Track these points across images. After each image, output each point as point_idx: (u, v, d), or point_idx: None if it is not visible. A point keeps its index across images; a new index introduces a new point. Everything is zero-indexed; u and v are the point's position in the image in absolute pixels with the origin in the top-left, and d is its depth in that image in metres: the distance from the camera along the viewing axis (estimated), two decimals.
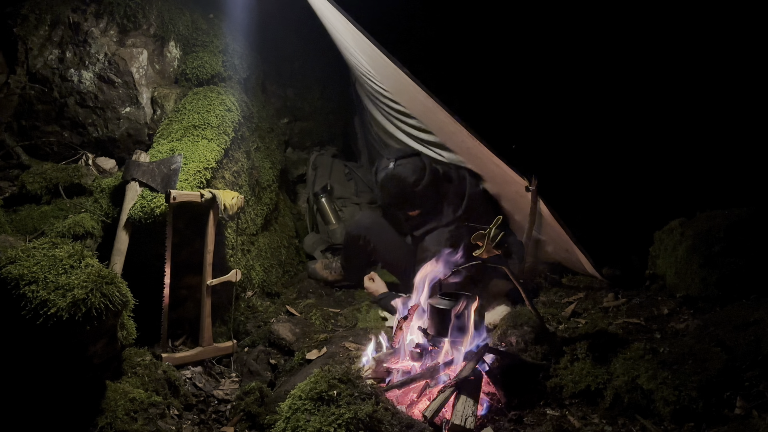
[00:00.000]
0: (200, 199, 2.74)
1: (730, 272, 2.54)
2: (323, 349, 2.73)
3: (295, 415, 1.85)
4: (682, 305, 2.68)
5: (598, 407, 2.15)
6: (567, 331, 2.64)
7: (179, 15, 3.73)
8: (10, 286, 1.86)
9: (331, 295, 3.71)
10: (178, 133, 3.21)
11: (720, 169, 3.60)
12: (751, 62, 3.62)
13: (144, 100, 3.44)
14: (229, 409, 2.45)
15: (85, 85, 3.33)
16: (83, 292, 1.86)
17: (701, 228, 2.69)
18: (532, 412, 2.19)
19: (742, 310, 2.34)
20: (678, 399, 1.95)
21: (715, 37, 3.71)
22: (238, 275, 2.88)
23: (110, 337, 2.05)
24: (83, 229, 2.69)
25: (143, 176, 2.85)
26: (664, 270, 2.87)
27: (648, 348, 2.20)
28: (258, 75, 4.31)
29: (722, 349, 2.10)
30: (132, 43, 3.48)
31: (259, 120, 4.02)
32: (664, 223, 2.95)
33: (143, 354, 2.47)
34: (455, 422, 2.00)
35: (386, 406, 1.94)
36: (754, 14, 3.56)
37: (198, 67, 3.66)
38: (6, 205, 2.86)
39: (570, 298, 3.12)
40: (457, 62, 4.60)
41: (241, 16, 4.07)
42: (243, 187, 3.40)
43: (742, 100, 3.62)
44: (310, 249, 4.35)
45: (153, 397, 2.19)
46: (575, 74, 4.15)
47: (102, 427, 1.96)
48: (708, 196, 3.05)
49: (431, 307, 2.51)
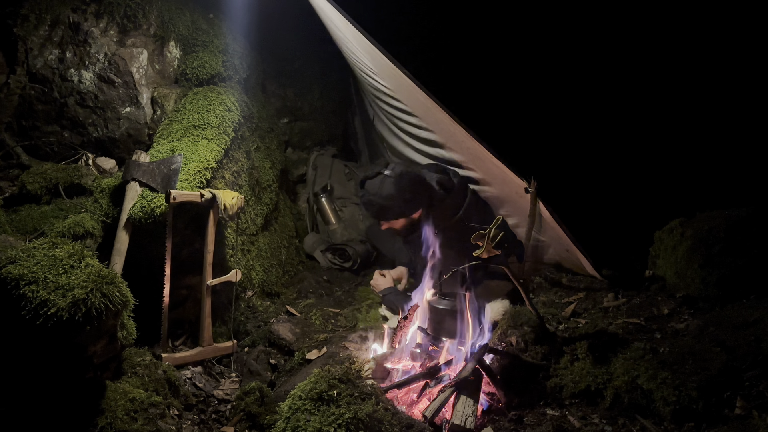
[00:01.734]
0: (200, 199, 2.74)
1: (730, 272, 2.54)
2: (323, 349, 2.73)
3: (295, 415, 1.85)
4: (682, 305, 2.68)
5: (598, 407, 2.15)
6: (567, 331, 2.64)
7: (179, 15, 3.73)
8: (10, 286, 1.86)
9: (331, 295, 3.71)
10: (178, 133, 3.21)
11: (720, 169, 3.60)
12: (751, 62, 3.62)
13: (144, 100, 3.44)
14: (229, 409, 2.45)
15: (85, 85, 3.33)
16: (83, 292, 1.86)
17: (701, 228, 2.69)
18: (532, 412, 2.19)
19: (742, 310, 2.34)
20: (678, 399, 1.95)
21: (714, 37, 3.71)
22: (238, 275, 2.88)
23: (110, 337, 2.05)
24: (83, 229, 2.69)
25: (143, 176, 2.85)
26: (664, 270, 2.87)
27: (648, 348, 2.20)
28: (258, 75, 4.31)
29: (722, 349, 2.10)
30: (132, 43, 3.48)
31: (259, 120, 4.02)
32: (664, 223, 2.95)
33: (143, 354, 2.47)
34: (455, 422, 2.00)
35: (386, 406, 1.94)
36: (753, 14, 3.56)
37: (198, 67, 3.66)
38: (6, 205, 2.86)
39: (570, 298, 3.12)
40: (457, 62, 4.60)
41: (241, 16, 4.07)
42: (243, 187, 3.40)
43: (742, 100, 3.62)
44: (310, 249, 4.35)
45: (153, 397, 2.19)
46: (575, 74, 4.15)
47: (102, 427, 1.96)
48: (708, 196, 3.05)
49: (431, 307, 2.51)
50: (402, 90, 3.29)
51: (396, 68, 2.82)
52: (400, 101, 3.51)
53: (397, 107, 3.61)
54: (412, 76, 2.80)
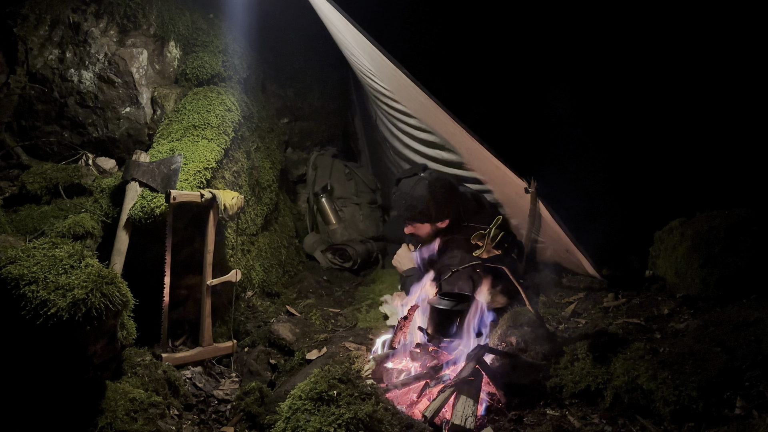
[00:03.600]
0: (200, 199, 2.74)
1: (730, 272, 2.54)
2: (323, 349, 2.73)
3: (295, 415, 1.85)
4: (682, 305, 2.68)
5: (598, 407, 2.15)
6: (567, 331, 2.65)
7: (179, 15, 3.73)
8: (10, 286, 1.86)
9: (331, 295, 3.71)
10: (178, 133, 3.21)
11: (720, 169, 3.60)
12: (751, 62, 3.62)
13: (144, 100, 3.44)
14: (229, 409, 2.45)
15: (85, 85, 3.33)
16: (83, 292, 1.86)
17: (701, 228, 2.69)
18: (532, 412, 2.19)
19: (742, 310, 2.34)
20: (678, 399, 1.95)
21: (714, 37, 3.71)
22: (238, 275, 2.88)
23: (110, 337, 2.05)
24: (83, 229, 2.68)
25: (143, 176, 2.85)
26: (664, 270, 2.87)
27: (648, 348, 2.20)
28: (258, 75, 4.31)
29: (722, 349, 2.10)
30: (132, 43, 3.48)
31: (259, 120, 4.03)
32: (664, 223, 2.95)
33: (143, 354, 2.47)
34: (455, 422, 2.00)
35: (386, 406, 1.94)
36: (752, 14, 3.56)
37: (198, 67, 3.66)
38: (6, 205, 2.86)
39: (570, 298, 3.12)
40: (457, 62, 4.60)
41: (241, 16, 4.07)
42: (243, 187, 3.40)
43: (742, 100, 3.62)
44: (310, 249, 4.35)
45: (153, 397, 2.19)
46: (575, 75, 4.15)
47: (102, 427, 1.96)
48: (708, 196, 3.05)
49: (431, 307, 2.51)
50: (401, 91, 3.29)
51: (396, 69, 2.82)
52: (399, 102, 3.51)
53: (396, 108, 3.61)
54: (412, 77, 2.80)
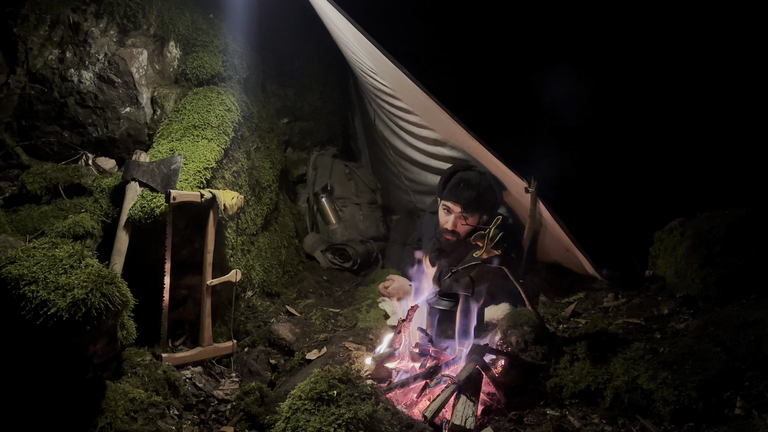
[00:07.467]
0: (200, 199, 2.74)
1: (730, 272, 2.54)
2: (323, 349, 2.73)
3: (295, 415, 1.85)
4: (682, 305, 2.68)
5: (598, 407, 2.15)
6: (567, 331, 2.64)
7: (179, 15, 3.73)
8: (10, 286, 1.86)
9: (331, 295, 3.71)
10: (178, 133, 3.21)
11: (720, 169, 3.60)
12: (751, 62, 3.62)
13: (144, 100, 3.44)
14: (229, 409, 2.45)
15: (85, 85, 3.33)
16: (83, 292, 1.86)
17: (701, 228, 2.69)
18: (532, 412, 2.19)
19: (742, 310, 2.34)
20: (678, 399, 1.95)
21: (714, 37, 3.71)
22: (238, 275, 2.88)
23: (110, 337, 2.05)
24: (83, 229, 2.68)
25: (143, 176, 2.85)
26: (664, 270, 2.87)
27: (648, 348, 2.20)
28: (258, 75, 4.31)
29: (722, 349, 2.10)
30: (132, 43, 3.47)
31: (259, 120, 4.02)
32: (664, 223, 2.95)
33: (143, 354, 2.47)
34: (455, 422, 2.00)
35: (386, 406, 1.94)
36: (752, 14, 3.56)
37: (198, 67, 3.66)
38: (6, 205, 2.86)
39: (570, 298, 3.12)
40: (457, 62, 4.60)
41: (241, 16, 4.07)
42: (243, 187, 3.40)
43: (742, 100, 3.62)
44: (310, 249, 4.35)
45: (153, 397, 2.19)
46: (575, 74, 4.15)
47: (102, 427, 1.96)
48: (708, 196, 3.05)
49: (431, 307, 2.51)
50: (402, 89, 3.30)
51: (396, 68, 2.82)
52: (400, 100, 3.51)
53: (397, 106, 3.62)
54: (411, 75, 2.80)
